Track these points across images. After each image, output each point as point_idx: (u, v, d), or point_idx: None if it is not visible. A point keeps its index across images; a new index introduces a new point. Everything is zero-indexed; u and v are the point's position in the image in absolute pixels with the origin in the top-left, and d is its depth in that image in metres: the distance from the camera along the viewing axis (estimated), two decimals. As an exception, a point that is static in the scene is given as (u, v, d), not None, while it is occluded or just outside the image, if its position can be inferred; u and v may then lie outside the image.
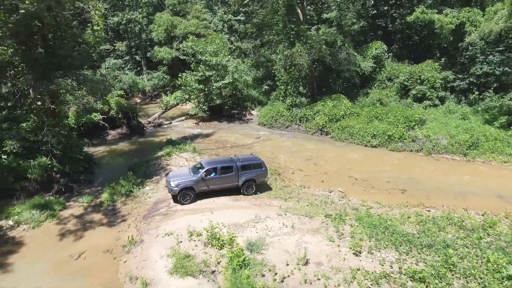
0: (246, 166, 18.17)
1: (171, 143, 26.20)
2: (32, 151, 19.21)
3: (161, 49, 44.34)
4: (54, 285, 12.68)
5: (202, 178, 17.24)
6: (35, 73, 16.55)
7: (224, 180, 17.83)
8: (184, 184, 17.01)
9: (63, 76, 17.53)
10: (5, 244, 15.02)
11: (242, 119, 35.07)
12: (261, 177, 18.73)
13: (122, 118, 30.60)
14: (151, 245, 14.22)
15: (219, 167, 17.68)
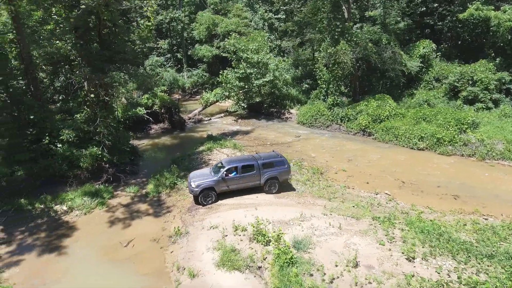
0: (268, 164, 17.50)
1: (212, 139, 26.48)
2: (84, 141, 20.13)
3: (202, 47, 45.13)
4: (106, 269, 13.14)
5: (223, 178, 16.74)
6: (91, 66, 17.22)
7: (245, 179, 17.25)
8: (205, 185, 16.58)
9: (116, 70, 18.15)
10: (60, 227, 15.81)
11: (280, 118, 34.80)
12: (284, 175, 17.95)
13: (164, 113, 31.41)
14: (197, 237, 14.34)
15: (239, 166, 17.09)
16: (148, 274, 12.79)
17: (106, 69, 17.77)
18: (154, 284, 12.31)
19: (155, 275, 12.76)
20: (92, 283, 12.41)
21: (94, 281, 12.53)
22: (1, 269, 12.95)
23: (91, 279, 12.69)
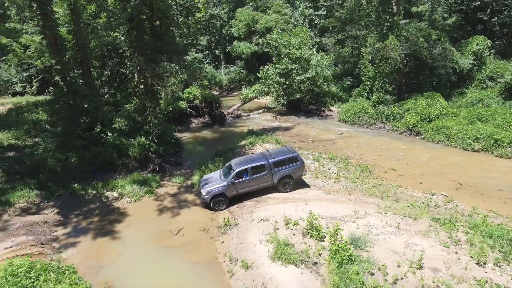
0: (279, 161, 16.40)
1: (253, 134, 26.23)
2: (133, 131, 20.53)
3: (241, 43, 45.16)
4: (157, 255, 13.17)
5: (233, 182, 15.83)
6: (144, 57, 17.45)
7: (257, 181, 16.27)
8: (216, 191, 15.82)
9: (167, 60, 18.31)
10: (112, 213, 16.12)
11: (320, 115, 33.99)
12: (298, 172, 16.86)
13: (205, 107, 31.59)
14: (247, 229, 14.07)
15: (249, 168, 16.03)
16: (200, 263, 12.66)
17: (158, 60, 17.95)
18: (207, 273, 12.16)
19: (207, 265, 12.62)
20: (145, 268, 12.46)
21: (146, 266, 12.59)
22: (60, 249, 13.33)
23: (143, 263, 12.76)
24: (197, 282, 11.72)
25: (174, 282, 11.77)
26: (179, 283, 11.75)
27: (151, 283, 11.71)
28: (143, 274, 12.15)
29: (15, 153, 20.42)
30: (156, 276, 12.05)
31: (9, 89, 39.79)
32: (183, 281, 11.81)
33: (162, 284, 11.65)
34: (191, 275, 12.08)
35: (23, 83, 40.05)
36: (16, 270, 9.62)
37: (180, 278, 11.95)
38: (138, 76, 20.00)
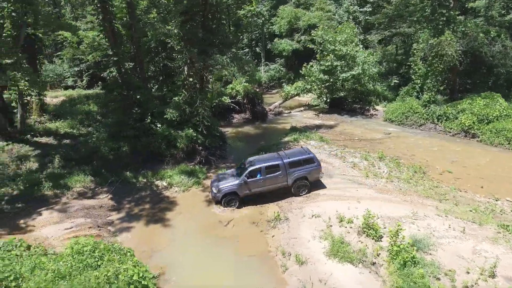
0: (295, 162, 15.64)
1: (296, 130, 25.83)
2: (181, 123, 20.85)
3: (282, 41, 44.76)
4: (207, 244, 13.16)
5: (245, 181, 15.26)
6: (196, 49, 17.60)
7: (271, 181, 15.58)
8: (227, 190, 15.30)
9: (218, 53, 18.37)
10: (162, 201, 16.38)
11: (364, 114, 32.81)
12: (314, 174, 16.04)
13: (247, 103, 31.56)
14: (298, 224, 13.72)
15: (263, 167, 15.38)
16: (252, 256, 12.47)
17: (209, 52, 18.05)
18: (260, 267, 11.95)
19: (259, 257, 12.40)
20: (196, 256, 12.48)
21: (197, 254, 12.62)
22: (115, 233, 13.70)
23: (194, 252, 12.81)
24: (251, 275, 11.53)
25: (226, 273, 11.66)
26: (231, 274, 11.62)
27: (203, 271, 11.68)
28: (195, 263, 12.18)
29: (70, 141, 21.42)
30: (207, 265, 12.02)
31: (62, 82, 42.05)
32: (236, 272, 11.67)
33: (214, 274, 11.58)
34: (243, 267, 11.92)
35: (74, 78, 42.16)
36: (81, 248, 9.93)
37: (232, 269, 11.83)
38: (188, 69, 20.24)
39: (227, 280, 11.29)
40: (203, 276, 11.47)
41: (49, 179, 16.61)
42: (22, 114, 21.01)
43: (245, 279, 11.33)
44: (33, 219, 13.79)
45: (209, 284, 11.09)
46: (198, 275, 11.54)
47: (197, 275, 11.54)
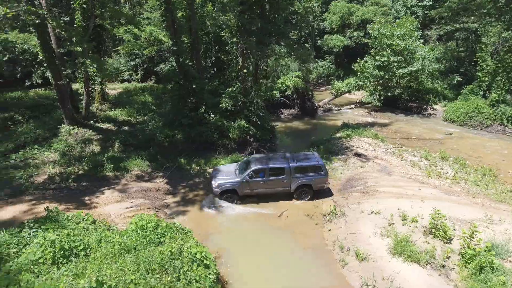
0: (301, 168, 14.86)
1: (348, 127, 24.89)
2: (233, 114, 20.97)
3: (333, 37, 43.64)
4: (262, 233, 12.96)
5: (247, 180, 14.68)
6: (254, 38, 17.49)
7: (273, 184, 14.90)
8: (227, 186, 14.77)
9: (275, 43, 18.12)
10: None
11: (421, 113, 30.89)
12: (320, 182, 15.13)
13: (296, 99, 31.07)
14: (357, 220, 13.06)
15: (267, 168, 14.74)
16: (308, 248, 12.08)
17: (267, 42, 17.86)
18: (316, 260, 11.53)
19: (316, 250, 11.98)
20: (251, 243, 12.33)
21: (250, 241, 12.48)
22: (172, 215, 13.98)
23: (247, 239, 12.66)
24: (307, 266, 11.14)
25: (281, 262, 11.37)
26: (286, 263, 11.30)
27: (258, 259, 11.48)
28: (249, 250, 12.02)
29: (128, 128, 22.37)
30: (262, 253, 11.82)
31: (119, 76, 44.46)
32: (291, 262, 11.33)
33: (269, 263, 11.33)
34: (299, 258, 11.57)
35: (130, 72, 44.36)
36: (145, 225, 10.16)
37: (287, 259, 11.51)
38: (243, 60, 20.25)
39: (283, 269, 11.00)
40: (257, 263, 11.27)
41: (110, 161, 17.41)
42: (87, 102, 22.32)
43: (301, 270, 10.96)
44: (96, 197, 14.51)
45: (264, 273, 10.86)
46: (253, 262, 11.37)
47: (251, 262, 11.37)
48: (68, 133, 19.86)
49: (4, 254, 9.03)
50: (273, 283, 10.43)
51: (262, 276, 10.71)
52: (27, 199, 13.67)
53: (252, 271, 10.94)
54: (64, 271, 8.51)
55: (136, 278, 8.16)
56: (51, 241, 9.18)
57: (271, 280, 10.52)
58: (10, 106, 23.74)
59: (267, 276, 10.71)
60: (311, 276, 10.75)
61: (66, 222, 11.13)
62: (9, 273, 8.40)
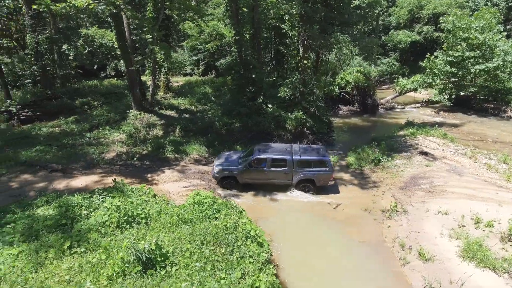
0: (304, 162, 14.24)
1: (413, 125, 23.20)
2: (290, 106, 20.77)
3: (400, 32, 41.14)
4: (315, 223, 12.58)
5: (247, 168, 14.29)
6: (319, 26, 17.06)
7: (274, 175, 14.38)
8: (227, 172, 14.48)
9: (340, 32, 17.50)
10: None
11: (499, 115, 27.68)
12: (323, 179, 14.36)
13: (356, 95, 29.82)
14: (421, 219, 12.07)
15: (269, 158, 14.23)
16: (364, 243, 11.45)
17: (329, 31, 17.32)
18: (373, 255, 10.86)
19: (373, 246, 11.30)
20: (301, 231, 12.00)
21: (302, 229, 12.17)
22: (225, 198, 14.14)
23: (299, 226, 12.37)
24: (363, 261, 10.55)
25: (334, 252, 10.90)
26: (340, 254, 10.81)
27: (310, 247, 11.13)
28: (301, 237, 11.72)
29: (189, 115, 23.32)
30: (315, 242, 11.45)
31: (182, 70, 46.72)
32: (346, 255, 10.83)
33: (322, 252, 10.93)
34: (354, 252, 11.00)
35: (192, 66, 46.36)
36: (202, 200, 10.43)
37: (341, 250, 11.02)
38: (303, 51, 19.92)
39: (336, 260, 10.55)
40: (310, 252, 10.91)
41: (171, 144, 18.26)
42: (153, 89, 23.70)
43: (356, 263, 10.41)
44: (157, 175, 15.29)
45: (317, 261, 10.48)
46: (305, 250, 11.03)
47: (303, 250, 11.04)
48: (135, 118, 21.31)
49: (77, 215, 9.88)
50: (326, 273, 10.04)
51: (314, 264, 10.35)
52: (97, 172, 14.88)
53: (303, 259, 10.62)
54: (127, 235, 9.04)
55: (191, 248, 8.37)
56: (116, 206, 9.83)
57: (324, 270, 10.13)
58: (88, 93, 26.13)
59: (320, 265, 10.33)
60: (367, 271, 10.14)
61: (130, 193, 11.88)
62: (80, 231, 9.16)
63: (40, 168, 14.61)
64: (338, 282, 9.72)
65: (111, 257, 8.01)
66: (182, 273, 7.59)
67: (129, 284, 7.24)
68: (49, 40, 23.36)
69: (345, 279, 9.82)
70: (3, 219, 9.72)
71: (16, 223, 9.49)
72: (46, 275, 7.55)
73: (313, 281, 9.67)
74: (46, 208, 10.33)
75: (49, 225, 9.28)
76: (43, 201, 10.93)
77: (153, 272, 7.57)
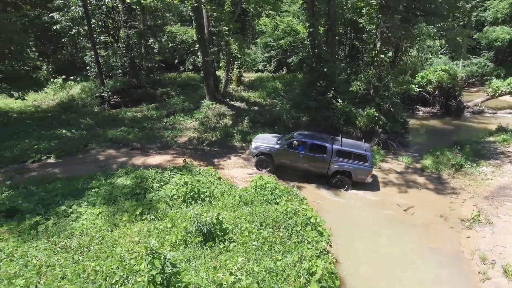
0: (344, 152, 13.83)
1: (506, 131, 20.34)
2: (362, 102, 19.82)
3: (497, 28, 36.39)
4: (381, 222, 11.76)
5: (284, 149, 14.22)
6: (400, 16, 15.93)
7: (310, 160, 14.07)
8: (263, 149, 14.49)
9: (424, 22, 16.09)
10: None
11: None
12: (361, 173, 13.73)
13: (439, 95, 27.20)
14: (509, 233, 10.51)
15: (309, 143, 14.14)
16: (438, 250, 10.38)
17: (412, 21, 16.03)
18: (448, 265, 9.81)
19: (447, 255, 10.19)
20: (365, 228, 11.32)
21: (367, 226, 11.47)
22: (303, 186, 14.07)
23: (366, 224, 11.67)
24: (435, 269, 9.57)
25: (401, 257, 10.06)
26: (408, 260, 9.94)
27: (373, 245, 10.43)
28: (365, 236, 11.03)
29: (258, 108, 23.73)
30: (379, 241, 10.71)
31: (254, 66, 47.77)
32: (415, 261, 9.91)
33: (387, 254, 10.15)
34: (424, 259, 10.01)
35: (264, 63, 47.10)
36: (264, 184, 10.54)
37: (409, 256, 10.12)
38: (381, 44, 18.81)
39: (403, 264, 9.72)
40: (373, 252, 10.22)
41: (239, 134, 18.75)
42: (226, 81, 24.66)
43: (427, 271, 9.46)
44: (224, 160, 15.86)
45: (380, 263, 9.77)
46: (368, 249, 10.36)
47: (366, 249, 10.37)
48: (207, 107, 22.38)
49: (150, 186, 10.72)
50: (389, 275, 9.29)
51: (376, 264, 9.66)
52: (170, 153, 16.01)
53: (364, 257, 9.97)
54: (192, 208, 9.51)
55: (250, 227, 8.47)
56: (184, 182, 10.42)
57: (386, 272, 9.40)
58: (167, 83, 28.27)
59: (382, 266, 9.62)
60: (439, 280, 9.15)
61: (198, 173, 12.49)
62: (151, 201, 9.90)
63: (123, 146, 16.26)
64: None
65: (176, 226, 8.51)
66: (239, 250, 7.71)
67: (189, 252, 7.60)
68: (138, 34, 25.80)
69: (411, 286, 8.99)
70: (90, 184, 11.01)
71: (100, 188, 10.67)
72: (119, 234, 8.33)
73: (374, 281, 9.04)
74: (125, 179, 11.42)
75: (126, 193, 10.24)
76: (123, 172, 12.12)
77: (212, 244, 7.83)
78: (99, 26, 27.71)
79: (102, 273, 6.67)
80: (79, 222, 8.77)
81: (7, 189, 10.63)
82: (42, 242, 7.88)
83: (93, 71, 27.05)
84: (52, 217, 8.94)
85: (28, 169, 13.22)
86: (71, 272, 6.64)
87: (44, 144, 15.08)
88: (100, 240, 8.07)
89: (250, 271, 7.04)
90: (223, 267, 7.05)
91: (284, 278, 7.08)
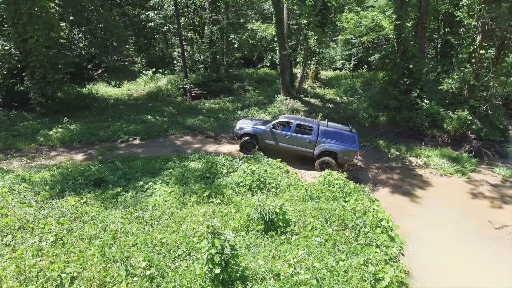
0: (330, 133, 13.66)
1: None
2: (453, 104, 17.75)
3: None
4: (470, 240, 10.28)
5: (270, 129, 14.08)
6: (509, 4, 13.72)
7: (296, 141, 13.89)
8: (248, 130, 14.33)
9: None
10: (413, 177, 14.49)
11: None
12: (347, 154, 13.41)
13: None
14: None
15: (295, 123, 14.11)
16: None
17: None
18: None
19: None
20: (450, 243, 9.97)
21: (452, 241, 10.06)
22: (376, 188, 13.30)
23: (448, 237, 10.30)
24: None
25: (494, 281, 8.64)
26: (494, 271, 8.51)
27: (457, 263, 9.15)
28: (446, 249, 9.74)
29: (333, 105, 22.92)
30: (463, 258, 9.35)
31: (332, 64, 46.33)
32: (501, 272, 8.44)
33: (474, 274, 8.83)
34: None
35: (343, 61, 45.36)
36: (333, 181, 10.04)
37: (501, 280, 8.64)
38: (482, 38, 16.51)
39: (487, 276, 8.34)
40: (454, 266, 8.98)
41: (311, 130, 18.34)
42: (302, 76, 24.31)
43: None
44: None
45: (461, 282, 8.53)
46: (446, 261, 9.14)
47: (444, 260, 9.17)
48: (281, 102, 22.36)
49: (219, 172, 11.06)
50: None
51: (457, 284, 8.47)
52: (241, 143, 16.41)
53: (444, 275, 8.78)
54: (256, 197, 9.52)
55: (314, 222, 8.12)
56: (251, 170, 10.50)
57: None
58: (244, 78, 29.07)
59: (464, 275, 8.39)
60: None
61: (266, 164, 12.50)
62: (219, 186, 10.19)
63: (199, 133, 17.18)
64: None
65: (239, 212, 8.59)
66: (300, 243, 7.44)
67: (250, 238, 7.59)
68: (220, 30, 26.97)
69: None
70: (165, 165, 11.84)
71: (174, 169, 11.39)
72: (187, 213, 8.74)
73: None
74: (197, 163, 12.01)
75: (196, 176, 10.73)
76: (196, 157, 12.78)
77: (273, 234, 7.71)
78: (187, 24, 29.69)
79: (168, 245, 7.07)
80: (153, 197, 9.49)
81: (98, 162, 12.06)
82: (120, 211, 8.72)
83: (178, 65, 29.14)
84: (131, 190, 9.86)
85: (117, 147, 14.83)
86: (141, 240, 7.17)
87: (132, 127, 16.77)
88: (169, 216, 8.57)
89: (310, 267, 6.73)
90: (282, 258, 6.87)
91: (346, 280, 6.60)
